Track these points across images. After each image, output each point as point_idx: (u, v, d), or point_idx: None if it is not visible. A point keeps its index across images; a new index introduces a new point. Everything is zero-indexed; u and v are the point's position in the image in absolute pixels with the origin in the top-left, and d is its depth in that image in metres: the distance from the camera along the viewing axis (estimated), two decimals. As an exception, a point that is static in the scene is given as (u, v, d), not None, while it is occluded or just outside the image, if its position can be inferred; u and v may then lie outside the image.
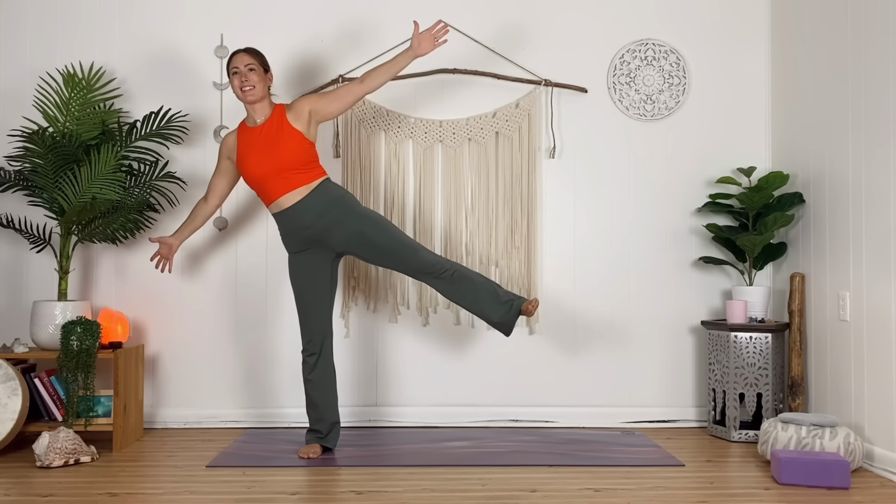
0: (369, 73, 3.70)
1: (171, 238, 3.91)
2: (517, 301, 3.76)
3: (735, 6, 4.49)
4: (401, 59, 3.69)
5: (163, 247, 3.91)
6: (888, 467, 3.41)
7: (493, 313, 3.75)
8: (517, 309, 3.75)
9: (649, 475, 3.42)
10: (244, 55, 3.68)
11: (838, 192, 3.83)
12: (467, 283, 3.74)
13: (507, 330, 3.79)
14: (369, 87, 3.69)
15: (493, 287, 3.77)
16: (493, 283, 3.81)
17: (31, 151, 3.91)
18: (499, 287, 3.80)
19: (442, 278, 3.72)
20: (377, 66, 3.72)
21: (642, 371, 4.43)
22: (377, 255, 3.72)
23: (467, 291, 3.74)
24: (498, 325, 3.78)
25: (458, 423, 4.37)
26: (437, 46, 3.73)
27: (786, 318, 4.26)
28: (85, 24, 4.39)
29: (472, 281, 3.75)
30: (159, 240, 3.90)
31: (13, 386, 3.70)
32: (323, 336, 3.74)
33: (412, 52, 3.68)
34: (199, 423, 4.35)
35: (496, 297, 3.75)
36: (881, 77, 3.51)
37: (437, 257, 3.74)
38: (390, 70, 3.68)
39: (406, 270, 3.75)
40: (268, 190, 3.65)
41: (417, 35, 3.69)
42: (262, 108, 3.69)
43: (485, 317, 3.78)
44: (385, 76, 3.68)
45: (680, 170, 4.46)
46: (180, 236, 3.93)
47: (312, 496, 3.15)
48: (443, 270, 3.71)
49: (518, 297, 3.78)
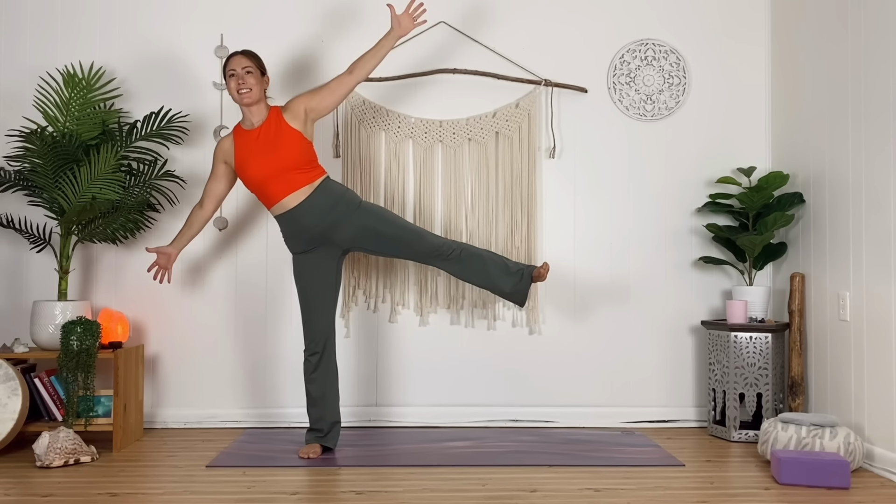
0: (357, 63, 3.73)
1: (169, 248, 3.85)
2: (528, 269, 3.87)
3: (735, 6, 4.49)
4: (385, 42, 3.74)
5: (161, 257, 3.84)
6: (888, 467, 3.41)
7: (505, 284, 3.84)
8: (528, 277, 3.86)
9: (649, 475, 3.42)
10: (241, 57, 3.68)
11: (838, 192, 3.83)
12: (476, 260, 3.82)
13: (521, 299, 3.88)
14: (359, 75, 3.72)
15: (502, 260, 3.87)
16: (502, 256, 3.91)
17: (31, 151, 3.91)
18: (507, 259, 3.90)
19: (450, 259, 3.80)
20: (363, 54, 3.75)
21: (642, 371, 4.43)
22: (385, 245, 3.76)
23: (478, 268, 3.82)
24: (511, 296, 3.87)
25: (458, 423, 4.37)
26: (418, 25, 3.79)
27: (786, 318, 4.26)
28: (85, 24, 4.39)
29: (480, 257, 3.83)
30: (157, 250, 3.84)
31: (13, 386, 3.70)
32: (326, 336, 3.74)
33: (394, 34, 3.74)
34: (199, 423, 4.35)
35: (506, 269, 3.85)
36: (881, 77, 3.51)
37: (442, 239, 3.82)
38: (376, 55, 3.73)
39: (414, 256, 3.81)
40: (269, 192, 3.65)
41: (396, 16, 3.75)
42: (258, 111, 3.68)
43: (497, 289, 3.87)
44: (372, 62, 3.73)
45: (680, 170, 4.46)
46: (178, 245, 3.88)
47: (312, 496, 3.15)
48: (450, 251, 3.79)
49: (528, 266, 3.89)
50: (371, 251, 3.82)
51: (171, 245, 3.88)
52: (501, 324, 4.41)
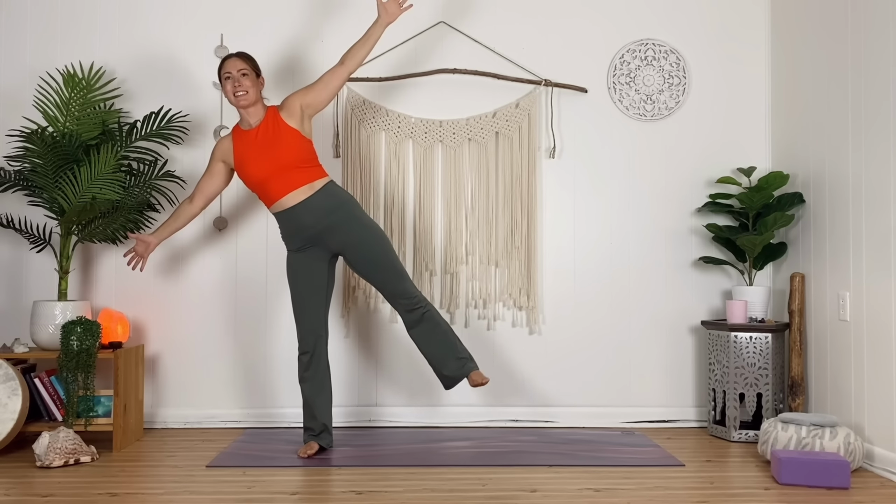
0: (348, 53, 3.74)
1: (150, 236, 3.86)
2: (470, 365, 3.72)
3: (735, 6, 4.49)
4: (374, 30, 3.75)
5: (139, 244, 3.85)
6: (888, 467, 3.41)
7: (446, 366, 3.71)
8: (467, 372, 3.71)
9: (649, 475, 3.42)
10: (237, 60, 3.69)
11: (838, 192, 3.83)
12: (433, 327, 3.71)
13: (450, 385, 3.75)
14: (350, 66, 3.74)
15: (455, 341, 3.74)
16: (456, 336, 3.77)
17: (31, 151, 3.91)
18: (459, 343, 3.76)
19: (413, 313, 3.70)
20: (354, 44, 3.76)
21: (642, 371, 4.43)
22: (366, 266, 3.71)
23: (430, 335, 3.70)
24: (444, 378, 3.74)
25: (458, 423, 4.37)
26: (404, 11, 3.80)
27: (786, 318, 4.26)
28: (85, 24, 4.39)
29: (438, 326, 3.72)
30: (138, 237, 3.85)
31: (13, 386, 3.70)
32: (316, 336, 3.74)
33: (382, 21, 3.76)
34: (199, 423, 4.35)
35: (454, 351, 3.71)
36: (881, 77, 3.51)
37: (417, 291, 3.73)
38: (366, 44, 3.74)
39: (384, 291, 3.72)
40: (270, 191, 3.66)
41: (382, 3, 3.75)
42: (255, 112, 3.69)
43: (436, 365, 3.73)
44: (363, 51, 3.74)
45: (680, 170, 4.46)
46: (160, 235, 3.88)
47: (312, 496, 3.15)
48: (417, 306, 3.70)
49: (471, 361, 3.74)
50: (351, 265, 3.75)
51: (153, 234, 3.88)
52: (501, 324, 4.41)
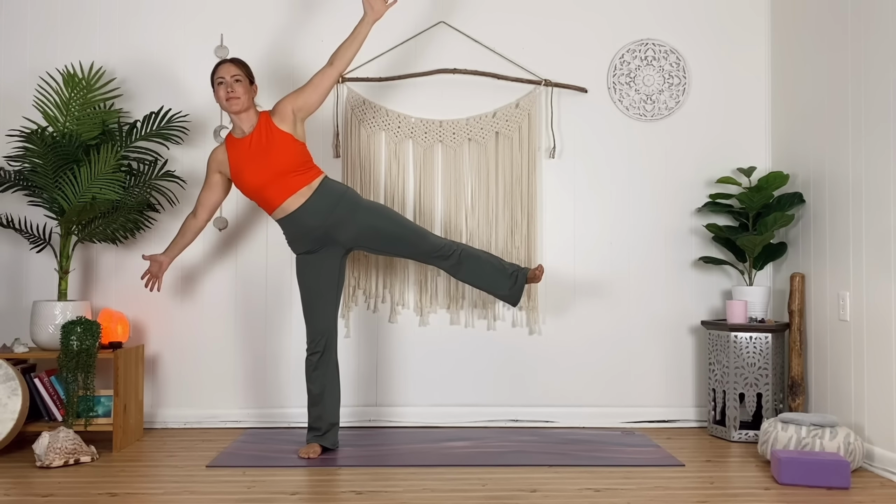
0: (336, 53, 3.74)
1: (162, 256, 3.91)
2: (522, 271, 3.94)
3: (735, 6, 4.48)
4: (361, 28, 3.75)
5: (153, 265, 3.90)
6: (888, 467, 3.41)
7: (502, 287, 3.92)
8: (523, 278, 3.93)
9: (649, 475, 3.42)
10: (230, 66, 3.69)
11: (838, 192, 3.83)
12: (474, 262, 3.89)
13: (515, 300, 3.97)
14: (340, 66, 3.74)
15: (499, 261, 3.95)
16: (498, 257, 3.99)
17: (31, 151, 3.91)
18: (503, 260, 3.97)
19: (450, 259, 3.86)
20: (342, 43, 3.75)
21: (642, 371, 4.43)
22: (388, 244, 3.80)
23: (475, 269, 3.89)
24: (506, 297, 3.95)
25: (458, 423, 4.37)
26: (390, 7, 3.80)
27: (786, 318, 4.26)
28: (85, 24, 4.39)
29: (478, 258, 3.90)
30: (151, 257, 3.90)
31: (13, 386, 3.70)
32: (327, 336, 3.75)
33: (369, 19, 3.75)
34: (199, 423, 4.35)
35: (503, 271, 3.92)
36: (882, 77, 3.51)
37: (443, 240, 3.88)
38: (354, 42, 3.74)
39: (415, 255, 3.85)
40: (268, 197, 3.65)
41: (368, 1, 3.74)
42: (248, 118, 3.69)
43: (494, 291, 3.95)
44: (351, 49, 3.74)
45: (680, 169, 4.46)
46: (170, 254, 3.92)
47: (312, 496, 3.15)
48: (451, 252, 3.85)
49: (523, 268, 3.96)
50: (374, 250, 3.85)
51: (163, 254, 3.92)
52: (501, 324, 4.42)
